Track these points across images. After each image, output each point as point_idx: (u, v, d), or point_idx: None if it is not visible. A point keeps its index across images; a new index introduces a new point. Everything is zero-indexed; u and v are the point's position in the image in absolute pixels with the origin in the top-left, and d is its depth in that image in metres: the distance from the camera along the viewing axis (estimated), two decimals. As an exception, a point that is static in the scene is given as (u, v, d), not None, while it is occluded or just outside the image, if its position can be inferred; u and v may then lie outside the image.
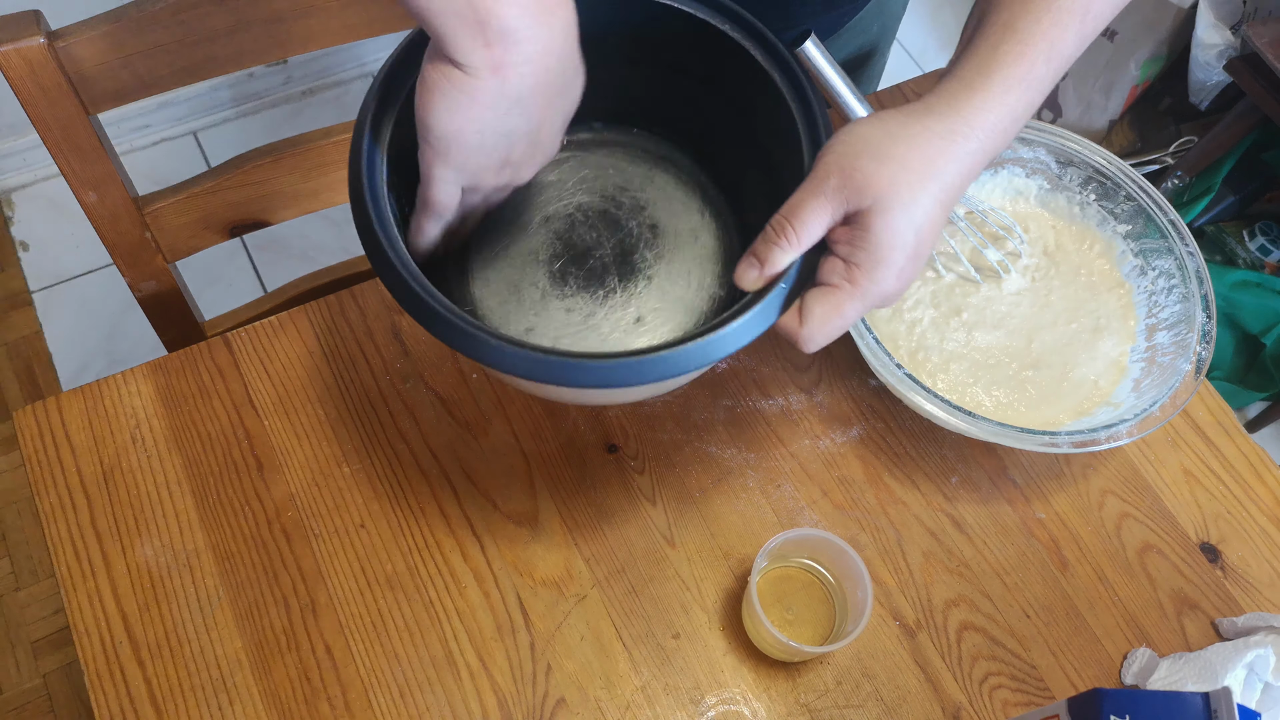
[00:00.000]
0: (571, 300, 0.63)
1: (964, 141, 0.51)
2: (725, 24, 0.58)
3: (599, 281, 0.64)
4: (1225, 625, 0.69)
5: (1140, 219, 0.77)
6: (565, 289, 0.63)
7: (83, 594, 0.65)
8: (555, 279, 0.64)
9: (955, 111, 0.51)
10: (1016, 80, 0.51)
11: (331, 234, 1.77)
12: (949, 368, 0.74)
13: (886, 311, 0.77)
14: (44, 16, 0.68)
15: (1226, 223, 1.74)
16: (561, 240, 0.65)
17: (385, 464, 0.71)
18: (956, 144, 0.51)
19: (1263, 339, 1.61)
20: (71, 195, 0.81)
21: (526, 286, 0.63)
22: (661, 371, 0.50)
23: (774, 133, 0.58)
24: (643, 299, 0.63)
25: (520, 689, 0.64)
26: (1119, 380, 0.74)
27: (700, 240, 0.65)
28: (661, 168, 0.67)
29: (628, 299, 0.63)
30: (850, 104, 0.64)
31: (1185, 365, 0.70)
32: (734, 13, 0.59)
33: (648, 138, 0.68)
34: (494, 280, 0.64)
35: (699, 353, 0.51)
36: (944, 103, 0.52)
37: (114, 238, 0.81)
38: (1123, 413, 0.70)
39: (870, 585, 0.62)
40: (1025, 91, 0.51)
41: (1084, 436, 0.67)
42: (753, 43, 0.58)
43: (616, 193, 0.66)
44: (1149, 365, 0.73)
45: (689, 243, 0.65)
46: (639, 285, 0.64)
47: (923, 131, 0.51)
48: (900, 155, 0.50)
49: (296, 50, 0.77)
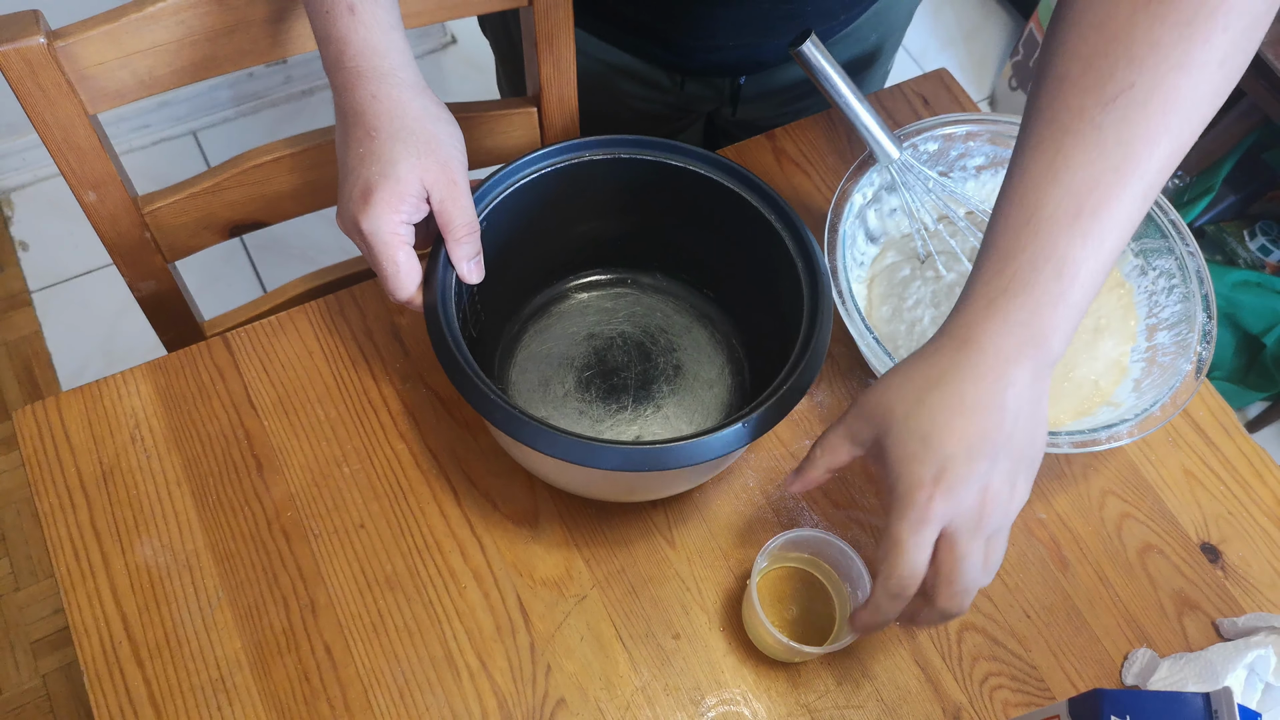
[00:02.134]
0: (588, 406, 0.72)
1: (972, 353, 0.51)
2: (762, 205, 0.66)
3: (615, 398, 0.73)
4: (1226, 625, 0.69)
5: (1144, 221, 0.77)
6: (586, 395, 0.73)
7: (82, 594, 0.65)
8: (581, 385, 0.73)
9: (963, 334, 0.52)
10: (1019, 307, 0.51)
11: (331, 234, 1.77)
12: None
13: (887, 312, 0.76)
14: (44, 16, 0.68)
15: (1227, 222, 1.74)
16: (597, 355, 0.75)
17: (385, 464, 0.70)
18: (963, 354, 0.51)
19: (1263, 339, 1.61)
20: (71, 195, 0.81)
21: (555, 384, 0.73)
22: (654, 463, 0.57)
23: (792, 311, 0.65)
24: (647, 422, 0.72)
25: (520, 689, 0.64)
26: (1120, 380, 0.74)
27: (714, 390, 0.74)
28: (701, 323, 0.77)
29: (635, 418, 0.72)
30: (850, 103, 0.64)
31: (1186, 365, 0.70)
32: (769, 195, 0.66)
33: (697, 295, 0.78)
34: (530, 371, 0.74)
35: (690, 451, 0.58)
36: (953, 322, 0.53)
37: (113, 237, 0.81)
38: (1123, 413, 0.70)
39: (871, 587, 0.62)
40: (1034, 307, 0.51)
41: (1084, 436, 0.67)
42: (776, 215, 0.66)
43: (657, 332, 0.76)
44: (1149, 365, 0.73)
45: (704, 389, 0.74)
46: (648, 410, 0.73)
47: (933, 353, 0.52)
48: (903, 380, 0.52)
49: (296, 50, 0.77)
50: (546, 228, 0.71)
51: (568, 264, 0.77)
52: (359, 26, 0.58)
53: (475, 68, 2.01)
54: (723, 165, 0.68)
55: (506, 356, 0.74)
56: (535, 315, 0.76)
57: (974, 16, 2.17)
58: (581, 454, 0.56)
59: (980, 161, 0.80)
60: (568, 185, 0.69)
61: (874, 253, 0.80)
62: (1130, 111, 0.50)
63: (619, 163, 0.68)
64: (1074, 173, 0.51)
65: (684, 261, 0.77)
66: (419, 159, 0.57)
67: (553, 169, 0.67)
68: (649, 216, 0.73)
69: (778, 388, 0.60)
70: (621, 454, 0.56)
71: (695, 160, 0.68)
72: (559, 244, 0.74)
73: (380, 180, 0.57)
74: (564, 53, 0.84)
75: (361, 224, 0.57)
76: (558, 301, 0.77)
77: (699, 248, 0.74)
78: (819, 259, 0.65)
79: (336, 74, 0.59)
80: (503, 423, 0.57)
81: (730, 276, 0.74)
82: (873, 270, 0.79)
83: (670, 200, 0.70)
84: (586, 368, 0.74)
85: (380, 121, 0.57)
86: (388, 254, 0.58)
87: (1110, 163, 0.50)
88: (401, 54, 0.60)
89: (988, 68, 2.11)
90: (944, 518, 0.50)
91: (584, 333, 0.76)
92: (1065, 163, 0.51)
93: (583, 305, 0.77)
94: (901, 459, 0.51)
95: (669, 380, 0.74)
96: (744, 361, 0.75)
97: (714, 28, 0.83)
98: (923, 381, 0.52)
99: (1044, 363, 0.51)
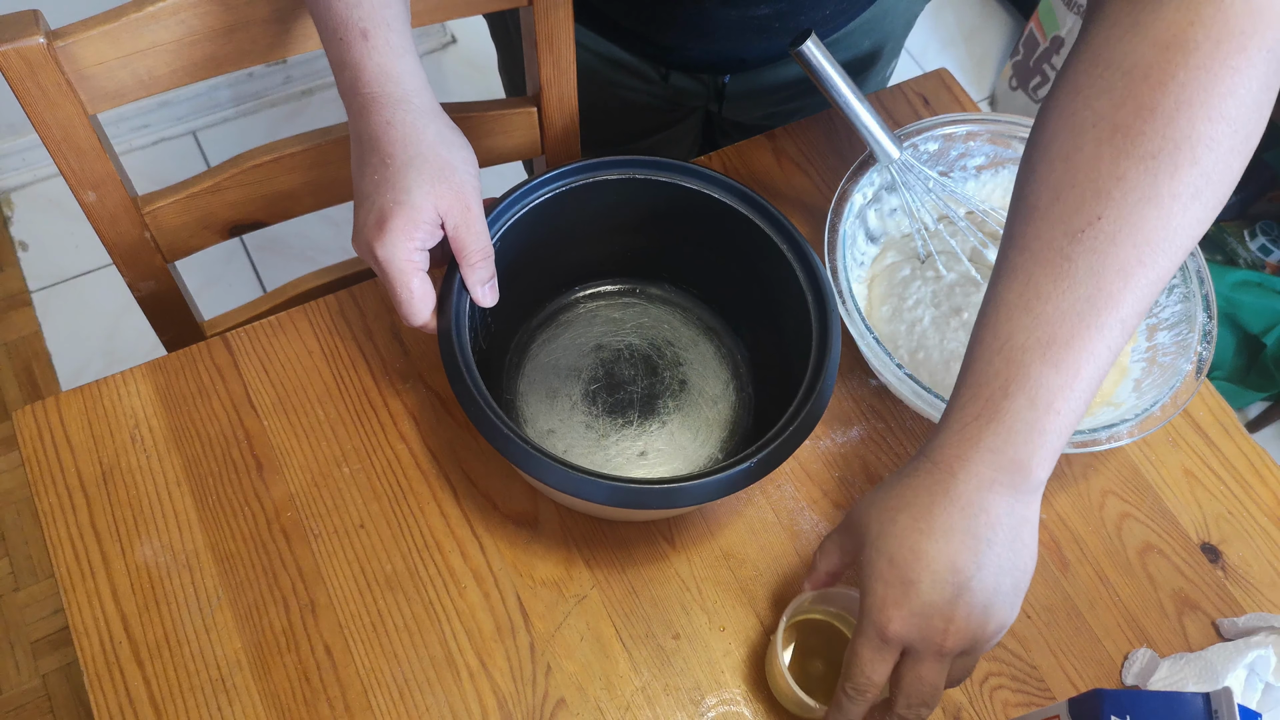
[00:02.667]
0: (593, 419, 0.73)
1: (944, 478, 0.52)
2: (774, 231, 0.67)
3: (621, 412, 0.73)
4: (1226, 625, 0.69)
5: None
6: (592, 408, 0.73)
7: (82, 594, 0.65)
8: (587, 397, 0.73)
9: (936, 457, 0.53)
10: (992, 434, 0.51)
11: (331, 234, 1.77)
12: (950, 367, 0.74)
13: (887, 311, 0.76)
14: (44, 16, 0.68)
15: (1227, 223, 1.74)
16: (604, 368, 0.75)
17: (385, 464, 0.70)
18: (934, 478, 0.52)
19: (1263, 339, 1.61)
20: (71, 195, 0.81)
21: (561, 396, 0.73)
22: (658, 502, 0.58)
23: (798, 340, 0.66)
24: (652, 437, 0.72)
25: (520, 689, 0.64)
26: (1120, 380, 0.74)
27: (718, 407, 0.74)
28: (708, 337, 0.77)
29: (640, 433, 0.73)
30: (850, 103, 0.64)
31: (1186, 365, 0.70)
32: (780, 223, 0.67)
33: (704, 308, 0.78)
34: (538, 382, 0.74)
35: None
36: (930, 444, 0.53)
37: (113, 237, 0.81)
38: (1123, 413, 0.70)
39: None
40: (1007, 434, 0.51)
41: (1085, 436, 0.67)
42: (788, 246, 0.67)
43: (664, 345, 0.76)
44: (1150, 365, 0.73)
45: (708, 405, 0.74)
46: (653, 426, 0.73)
47: (911, 473, 0.53)
48: (883, 498, 0.54)
49: (296, 50, 0.77)
50: (558, 245, 0.71)
51: (576, 275, 0.77)
52: (373, 52, 0.59)
53: (475, 68, 2.01)
54: (737, 190, 0.68)
55: (515, 366, 0.75)
56: (543, 324, 0.76)
57: (974, 17, 2.17)
58: (591, 491, 0.57)
59: (980, 161, 0.80)
60: (580, 204, 0.69)
61: (874, 252, 0.80)
62: (1099, 244, 0.50)
63: (632, 183, 0.69)
64: (1045, 303, 0.51)
65: (692, 275, 0.77)
66: (434, 186, 0.58)
67: (566, 189, 0.68)
68: (660, 234, 0.73)
69: (783, 427, 0.60)
70: (635, 493, 0.57)
71: (709, 184, 0.68)
72: (569, 259, 0.75)
73: (395, 208, 0.57)
74: (564, 52, 0.84)
75: (377, 251, 0.58)
76: (565, 310, 0.77)
77: (708, 266, 0.74)
78: (829, 292, 0.65)
79: (352, 99, 0.60)
80: (519, 459, 0.58)
81: (738, 296, 0.75)
82: (873, 270, 0.79)
83: (681, 220, 0.71)
84: (594, 380, 0.74)
85: (395, 148, 0.58)
86: (402, 280, 0.58)
87: (1082, 293, 0.50)
88: (415, 78, 0.60)
89: (988, 68, 2.11)
90: (903, 639, 0.51)
91: (591, 343, 0.76)
92: (1036, 293, 0.51)
93: (590, 315, 0.77)
94: (870, 576, 0.52)
95: (674, 396, 0.74)
96: (748, 378, 0.75)
97: (684, 28, 0.83)
98: (897, 501, 0.53)
99: (1024, 489, 0.51)
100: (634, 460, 0.72)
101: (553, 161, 0.95)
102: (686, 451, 0.72)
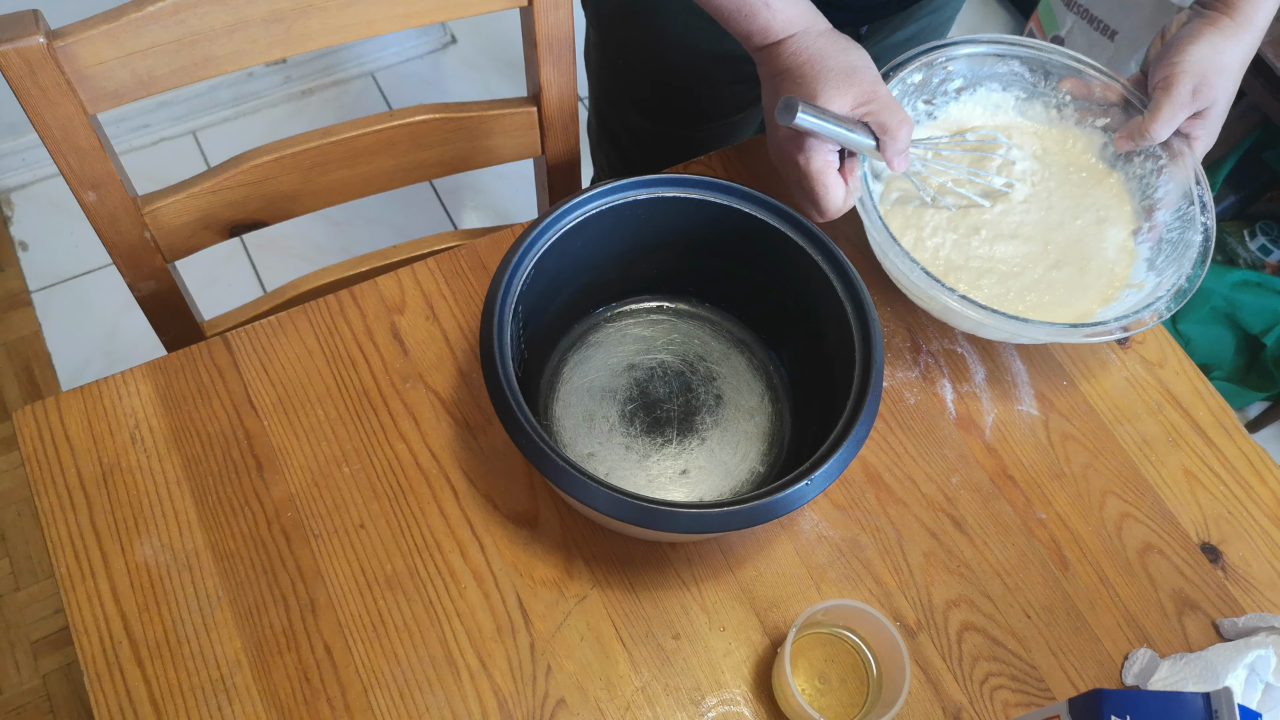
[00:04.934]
0: (633, 440, 0.72)
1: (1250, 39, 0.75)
2: (807, 243, 0.68)
3: (660, 431, 0.73)
4: (1226, 625, 0.69)
5: (1116, 109, 0.81)
6: (630, 429, 0.73)
7: (82, 594, 0.65)
8: (624, 418, 0.73)
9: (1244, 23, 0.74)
10: None
11: (331, 234, 1.77)
12: (980, 284, 0.76)
13: (909, 242, 0.78)
14: (44, 16, 0.68)
15: (1227, 222, 1.74)
16: (639, 387, 0.75)
17: (385, 464, 0.70)
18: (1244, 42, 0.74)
19: (1263, 339, 1.61)
20: (71, 195, 0.81)
21: (599, 418, 0.73)
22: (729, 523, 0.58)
23: (840, 346, 0.66)
24: (693, 455, 0.72)
25: (520, 689, 0.64)
26: (1130, 264, 0.77)
27: (755, 420, 0.74)
28: (739, 350, 0.77)
29: (680, 451, 0.72)
30: (857, 142, 0.67)
31: (1195, 236, 0.74)
32: (817, 237, 0.68)
33: (732, 321, 0.78)
34: (574, 405, 0.74)
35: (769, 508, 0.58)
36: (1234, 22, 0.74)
37: (113, 237, 0.81)
38: (1153, 291, 0.73)
39: (909, 664, 0.60)
40: None
41: (1130, 319, 0.70)
42: (823, 256, 0.68)
43: (696, 360, 0.76)
44: (1158, 244, 0.77)
45: (745, 419, 0.74)
46: (693, 443, 0.73)
47: (1235, 47, 0.74)
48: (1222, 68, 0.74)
49: (296, 50, 0.77)
50: (590, 267, 0.71)
51: (605, 296, 0.77)
52: (776, 14, 0.69)
53: (475, 68, 2.01)
54: (765, 203, 0.68)
55: (550, 391, 0.74)
56: (573, 346, 0.76)
57: (974, 16, 2.17)
58: (651, 519, 0.57)
59: (959, 84, 0.83)
60: (611, 227, 0.69)
61: (880, 190, 0.81)
62: None
63: (661, 201, 0.69)
64: None
65: (720, 289, 0.77)
66: (844, 88, 0.67)
67: (595, 212, 0.68)
68: (690, 250, 0.73)
69: (834, 443, 0.60)
70: (692, 518, 0.57)
71: (737, 198, 0.69)
72: (598, 281, 0.74)
73: None
74: (564, 53, 0.84)
75: (798, 158, 0.67)
76: (594, 330, 0.77)
77: (738, 278, 0.74)
78: (867, 302, 0.65)
79: (761, 52, 0.71)
80: (572, 489, 0.57)
81: (769, 305, 0.75)
82: (883, 207, 0.80)
83: (711, 235, 0.71)
84: (629, 400, 0.74)
85: (805, 69, 0.68)
86: (822, 180, 0.67)
87: None
88: (809, 12, 0.70)
89: (988, 68, 2.11)
90: None
91: (624, 363, 0.75)
92: None
93: (620, 334, 0.77)
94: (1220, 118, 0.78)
95: (711, 411, 0.74)
96: (782, 389, 0.75)
97: None
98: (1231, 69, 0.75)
99: None
100: (676, 479, 0.71)
101: (553, 161, 0.95)
102: (728, 466, 0.72)
